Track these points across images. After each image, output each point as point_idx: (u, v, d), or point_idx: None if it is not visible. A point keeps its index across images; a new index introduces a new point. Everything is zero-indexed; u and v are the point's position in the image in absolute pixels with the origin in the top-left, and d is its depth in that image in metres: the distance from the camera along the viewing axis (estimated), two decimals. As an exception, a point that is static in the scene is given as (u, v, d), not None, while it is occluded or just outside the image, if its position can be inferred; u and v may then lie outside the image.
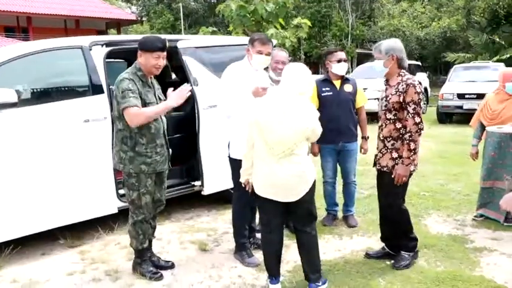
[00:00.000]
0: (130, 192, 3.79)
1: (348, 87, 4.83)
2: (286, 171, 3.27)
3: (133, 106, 3.52)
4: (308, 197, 3.41)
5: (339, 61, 4.76)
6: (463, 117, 13.59)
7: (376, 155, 4.00)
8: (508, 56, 21.21)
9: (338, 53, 4.85)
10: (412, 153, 3.71)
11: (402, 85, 3.73)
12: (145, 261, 3.95)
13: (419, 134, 3.72)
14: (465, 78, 14.25)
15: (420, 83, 3.83)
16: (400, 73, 3.81)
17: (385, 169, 3.86)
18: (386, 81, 3.93)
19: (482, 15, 24.68)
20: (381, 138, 3.90)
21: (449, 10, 29.53)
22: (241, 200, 4.08)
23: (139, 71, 3.69)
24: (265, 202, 3.44)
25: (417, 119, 3.68)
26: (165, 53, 3.71)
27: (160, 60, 3.67)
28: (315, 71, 31.19)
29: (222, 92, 4.02)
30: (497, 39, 22.83)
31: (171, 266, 4.07)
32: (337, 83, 4.82)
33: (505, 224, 4.84)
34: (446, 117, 13.82)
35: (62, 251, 4.49)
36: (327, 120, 4.63)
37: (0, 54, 4.28)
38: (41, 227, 4.30)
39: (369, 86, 13.78)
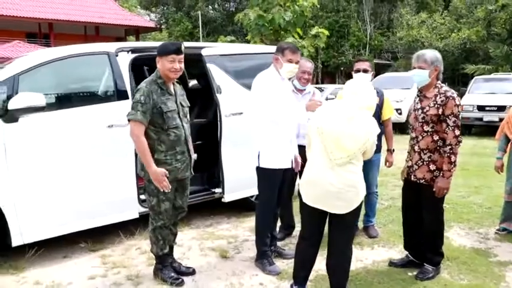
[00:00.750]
0: (150, 198, 3.80)
1: None
2: (341, 180, 3.21)
3: (137, 121, 3.58)
4: (356, 212, 3.35)
5: (357, 71, 4.71)
6: (482, 130, 13.48)
7: (409, 167, 3.97)
8: (528, 68, 20.97)
9: (358, 62, 4.80)
10: (452, 166, 3.69)
11: (441, 97, 3.70)
12: (167, 267, 3.96)
13: (459, 147, 3.70)
14: (485, 90, 14.12)
15: (458, 96, 3.80)
16: (437, 85, 3.79)
17: (422, 181, 3.84)
18: (420, 92, 3.91)
19: (503, 26, 24.45)
20: (417, 150, 3.87)
21: (469, 21, 29.31)
22: (265, 208, 4.09)
23: (160, 78, 3.72)
24: (311, 212, 3.37)
25: (457, 132, 3.66)
26: (181, 57, 3.71)
27: (175, 64, 3.67)
28: (332, 81, 31.15)
29: (254, 101, 4.00)
30: (518, 51, 22.59)
31: (192, 272, 4.07)
32: None
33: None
34: (465, 129, 13.67)
35: (84, 254, 4.53)
36: None
37: (29, 59, 4.38)
38: (64, 229, 4.36)
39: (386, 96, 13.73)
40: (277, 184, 4.02)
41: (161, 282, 3.87)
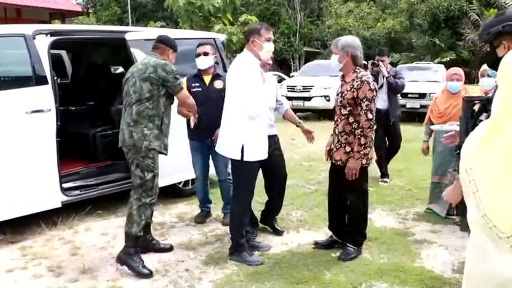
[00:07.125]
0: (146, 173, 3.78)
1: (218, 84, 4.66)
2: None
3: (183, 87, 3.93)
4: None
5: (198, 55, 4.66)
6: (405, 116, 14.05)
7: (329, 150, 4.10)
8: (448, 58, 22.15)
9: (199, 46, 4.73)
10: (362, 148, 3.81)
11: (357, 82, 3.83)
12: (138, 253, 3.83)
13: (371, 130, 3.84)
14: (408, 78, 14.68)
15: (374, 81, 3.93)
16: (356, 70, 3.91)
17: (339, 163, 3.97)
18: (342, 77, 4.03)
19: (424, 18, 25.62)
20: (336, 133, 3.99)
21: (393, 12, 30.46)
22: (245, 200, 3.99)
23: None
24: None
25: (370, 115, 3.79)
26: None
27: None
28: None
29: (247, 92, 3.69)
30: (438, 42, 23.80)
31: (170, 248, 4.19)
32: (206, 79, 4.70)
33: (447, 217, 5.02)
34: (389, 115, 14.20)
35: (2, 246, 4.32)
36: (198, 116, 4.45)
37: None
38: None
39: (315, 83, 13.99)
40: (257, 175, 3.97)
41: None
